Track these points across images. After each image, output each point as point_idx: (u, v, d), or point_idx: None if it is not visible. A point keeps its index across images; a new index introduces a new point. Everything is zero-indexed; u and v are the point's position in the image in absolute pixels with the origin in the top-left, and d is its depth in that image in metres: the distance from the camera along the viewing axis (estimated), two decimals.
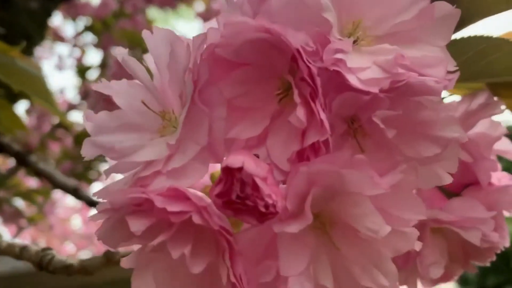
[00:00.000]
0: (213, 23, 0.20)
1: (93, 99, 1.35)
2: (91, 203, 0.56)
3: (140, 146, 0.18)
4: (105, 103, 1.25)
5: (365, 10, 0.19)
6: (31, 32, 1.43)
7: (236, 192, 0.15)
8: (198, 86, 0.17)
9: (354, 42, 0.19)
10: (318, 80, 0.16)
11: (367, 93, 0.17)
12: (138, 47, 1.43)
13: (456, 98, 0.31)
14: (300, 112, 0.16)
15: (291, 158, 0.17)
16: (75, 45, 1.66)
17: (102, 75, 1.52)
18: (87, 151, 0.19)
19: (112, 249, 0.28)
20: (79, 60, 1.66)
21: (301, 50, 0.16)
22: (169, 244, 0.16)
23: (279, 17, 0.18)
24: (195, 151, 0.17)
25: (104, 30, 1.63)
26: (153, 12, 1.77)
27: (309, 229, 0.18)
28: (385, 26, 0.19)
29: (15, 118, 0.61)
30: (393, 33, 0.19)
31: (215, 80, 0.18)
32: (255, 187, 0.15)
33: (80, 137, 1.57)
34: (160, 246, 0.16)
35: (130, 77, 0.22)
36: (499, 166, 0.28)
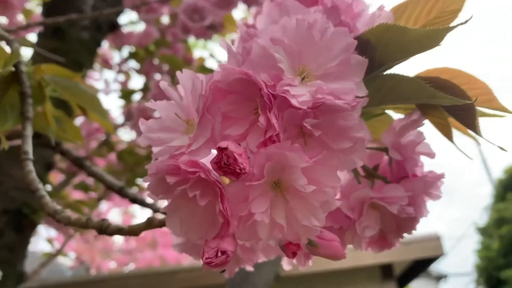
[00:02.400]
0: (217, 68, 0.33)
1: (135, 119, 1.51)
2: (134, 200, 0.70)
3: (173, 138, 0.31)
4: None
5: (309, 60, 0.32)
6: (82, 60, 1.61)
7: (223, 161, 0.28)
8: (206, 104, 0.30)
9: (302, 79, 0.32)
10: (272, 101, 0.29)
11: (300, 109, 0.29)
12: (177, 71, 1.59)
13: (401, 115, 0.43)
14: (262, 119, 0.29)
15: (258, 146, 0.30)
16: (120, 71, 1.85)
17: (144, 98, 1.69)
18: (142, 141, 0.32)
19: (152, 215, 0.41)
20: (123, 84, 1.85)
21: (263, 84, 0.29)
22: (188, 190, 0.29)
23: (255, 64, 0.31)
24: (203, 141, 0.30)
25: (146, 57, 1.81)
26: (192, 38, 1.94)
27: (270, 188, 0.30)
28: (321, 69, 0.32)
29: (75, 130, 0.76)
30: (326, 73, 0.32)
31: (217, 101, 0.31)
32: (234, 159, 0.28)
33: (123, 154, 1.75)
34: (182, 192, 0.29)
35: (167, 98, 0.35)
36: (423, 163, 0.39)
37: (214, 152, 0.30)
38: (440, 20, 0.35)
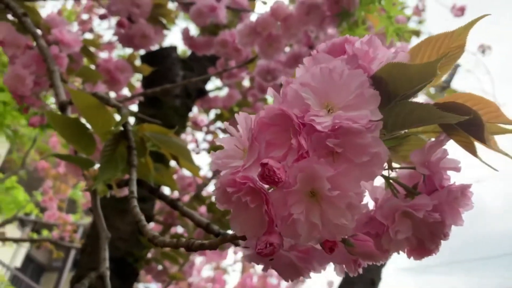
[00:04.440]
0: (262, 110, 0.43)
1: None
2: (217, 235, 0.80)
3: (233, 162, 0.42)
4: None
5: (332, 97, 0.41)
6: (176, 123, 1.84)
7: (265, 173, 0.37)
8: (254, 135, 0.41)
9: (328, 111, 0.41)
10: (301, 127, 0.39)
11: (322, 132, 0.38)
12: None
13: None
14: (294, 141, 0.39)
15: (292, 162, 0.39)
16: (208, 132, 2.06)
17: None
18: (212, 167, 0.43)
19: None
20: (211, 143, 2.05)
21: (294, 116, 0.39)
22: (241, 197, 0.38)
23: (289, 103, 0.41)
24: (252, 161, 0.40)
25: (231, 117, 2.00)
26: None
27: (306, 196, 0.39)
28: (342, 102, 0.41)
29: (171, 180, 0.91)
30: (347, 105, 0.41)
31: (262, 132, 0.41)
32: (273, 171, 0.37)
33: (212, 206, 1.90)
34: (238, 199, 0.39)
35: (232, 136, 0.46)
36: (449, 176, 0.45)
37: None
38: (449, 55, 0.43)
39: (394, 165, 0.47)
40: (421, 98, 0.46)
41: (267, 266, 0.46)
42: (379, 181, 0.46)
